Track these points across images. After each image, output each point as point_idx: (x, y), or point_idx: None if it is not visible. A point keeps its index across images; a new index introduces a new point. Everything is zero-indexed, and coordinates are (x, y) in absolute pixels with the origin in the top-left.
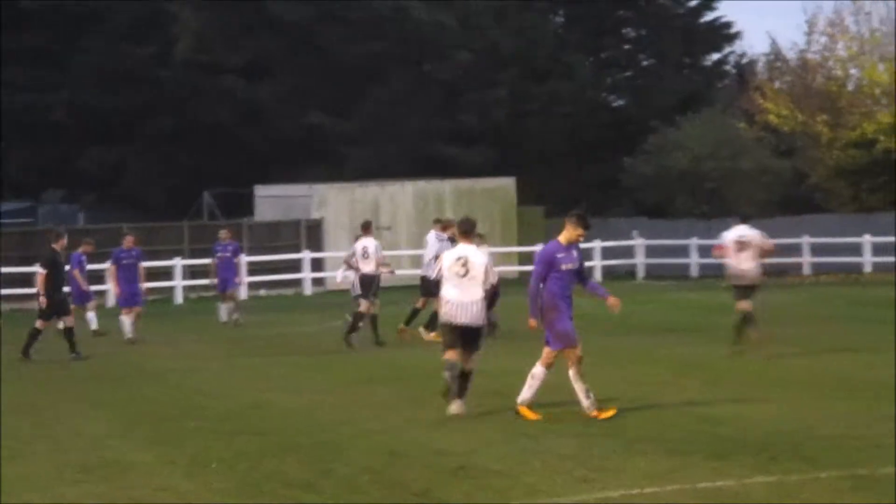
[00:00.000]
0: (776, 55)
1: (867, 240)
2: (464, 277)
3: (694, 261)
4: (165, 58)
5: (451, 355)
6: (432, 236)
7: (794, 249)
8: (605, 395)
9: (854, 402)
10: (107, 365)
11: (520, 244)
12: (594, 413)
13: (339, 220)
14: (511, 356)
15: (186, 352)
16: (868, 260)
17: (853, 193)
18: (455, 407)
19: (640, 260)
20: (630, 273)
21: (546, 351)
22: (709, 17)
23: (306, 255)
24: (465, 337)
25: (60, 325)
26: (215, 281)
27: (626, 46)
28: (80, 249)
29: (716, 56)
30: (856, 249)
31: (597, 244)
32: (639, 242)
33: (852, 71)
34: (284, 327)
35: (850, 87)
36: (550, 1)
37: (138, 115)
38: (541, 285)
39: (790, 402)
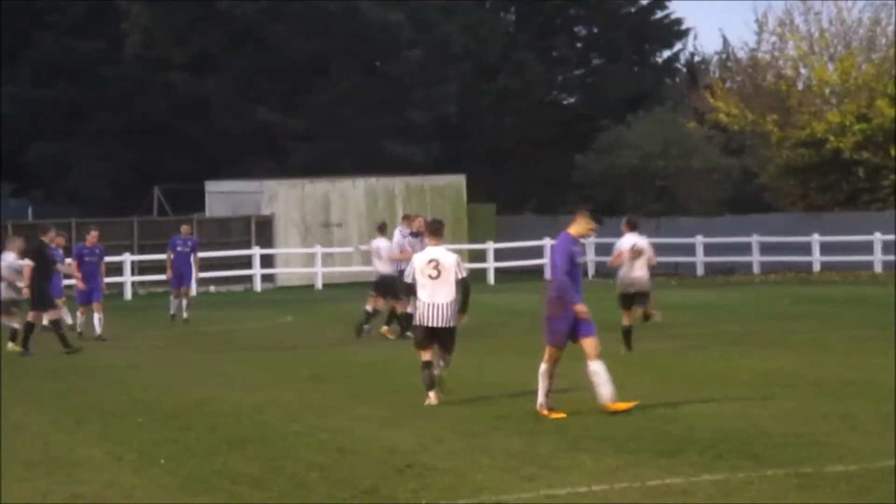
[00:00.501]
0: (728, 54)
1: (816, 239)
2: (436, 280)
3: None
4: (113, 53)
5: (427, 355)
6: (397, 232)
7: (744, 248)
8: (555, 391)
9: (800, 399)
10: (53, 361)
11: (470, 241)
12: (544, 411)
13: (290, 216)
14: (459, 354)
15: (134, 348)
16: (817, 259)
17: (802, 192)
18: (432, 397)
19: (589, 257)
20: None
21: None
22: (659, 15)
23: (256, 252)
24: (440, 337)
25: (45, 319)
26: (170, 275)
27: (577, 44)
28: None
29: (666, 54)
30: (805, 248)
31: (546, 242)
32: (589, 240)
33: (802, 70)
34: (234, 324)
35: (800, 86)
36: None
37: (85, 110)
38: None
39: (738, 400)
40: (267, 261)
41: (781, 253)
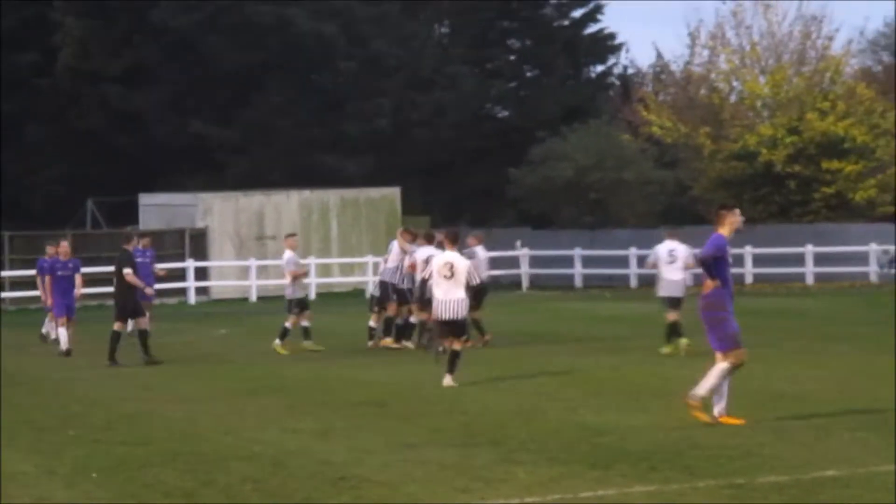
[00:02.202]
0: (662, 67)
1: (748, 251)
2: (450, 279)
3: (578, 271)
4: (46, 65)
5: (447, 343)
6: (395, 245)
7: None
8: (485, 404)
9: (732, 411)
10: None
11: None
12: (727, 418)
13: (224, 228)
14: (394, 366)
15: (66, 360)
16: (749, 271)
17: (735, 205)
18: (447, 380)
19: (524, 270)
20: (515, 283)
21: (719, 356)
22: (593, 28)
23: (190, 264)
24: (452, 328)
25: (129, 327)
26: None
27: (511, 57)
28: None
29: (600, 68)
30: (737, 261)
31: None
32: (523, 253)
33: (734, 83)
34: (167, 336)
35: (732, 99)
36: (435, 11)
37: (17, 122)
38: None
39: (671, 412)
40: (201, 273)
41: None
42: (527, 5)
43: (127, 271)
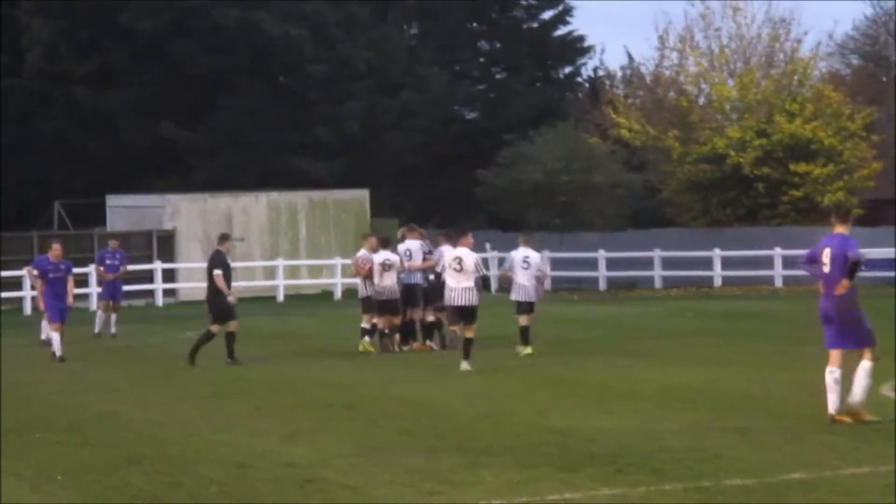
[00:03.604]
0: (631, 70)
1: (717, 254)
2: (460, 272)
3: (546, 273)
4: (12, 66)
5: (454, 329)
6: (416, 245)
7: (646, 263)
8: (453, 407)
9: (700, 414)
10: None
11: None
12: (865, 415)
13: (192, 230)
14: (360, 368)
15: (32, 363)
16: (718, 274)
17: (703, 207)
18: (465, 365)
19: (493, 272)
20: (484, 285)
21: (863, 352)
22: (562, 30)
23: (158, 266)
24: (464, 314)
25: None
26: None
27: (480, 59)
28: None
29: (569, 70)
30: (706, 263)
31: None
32: (492, 255)
33: (702, 86)
34: (134, 339)
35: (701, 102)
36: (404, 14)
37: None
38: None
39: (638, 415)
40: (169, 275)
41: (683, 268)
42: (496, 7)
43: (217, 272)
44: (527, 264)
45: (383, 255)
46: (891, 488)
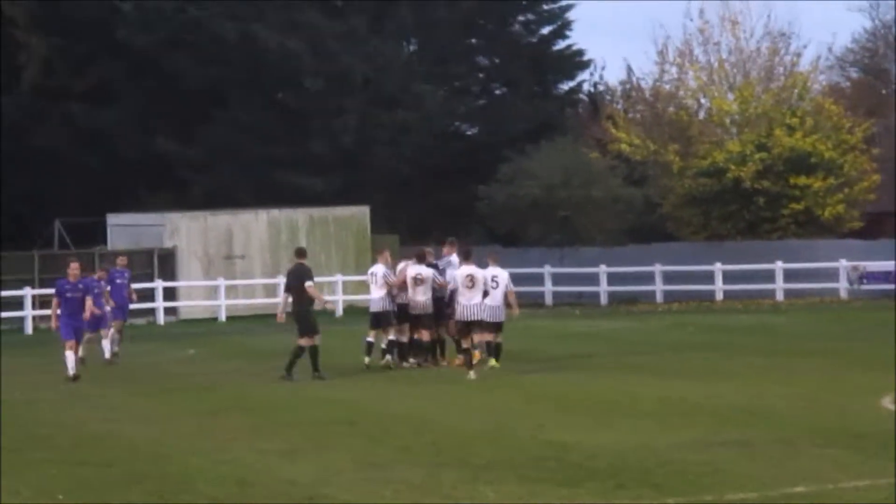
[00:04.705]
0: (631, 84)
1: (718, 268)
2: (472, 289)
3: (547, 289)
4: (11, 82)
5: (465, 343)
6: (454, 259)
7: (647, 277)
8: (453, 423)
9: (701, 428)
10: None
11: None
12: None
13: (192, 248)
14: (360, 385)
15: (33, 382)
16: (719, 287)
17: (704, 221)
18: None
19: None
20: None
21: None
22: (561, 45)
23: (159, 285)
24: (473, 328)
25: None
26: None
27: (479, 75)
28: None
29: (568, 84)
30: (707, 277)
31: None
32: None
33: (702, 100)
34: (135, 357)
35: (700, 116)
36: (401, 28)
37: None
38: None
39: (638, 429)
40: (170, 293)
41: (684, 282)
42: (494, 22)
43: (309, 284)
44: (495, 283)
45: (416, 270)
46: (891, 501)
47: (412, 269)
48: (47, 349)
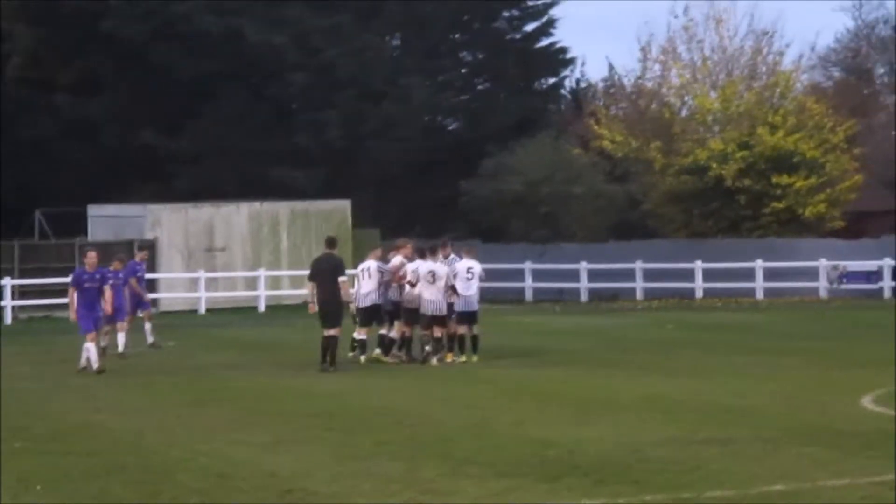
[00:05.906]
0: (613, 81)
1: (699, 265)
2: (471, 280)
3: (528, 284)
4: None
5: (461, 330)
6: (398, 259)
7: (627, 274)
8: (433, 417)
9: (681, 425)
10: None
11: (355, 266)
12: None
13: (173, 240)
14: (341, 378)
15: (12, 372)
16: (699, 285)
17: (685, 219)
18: (469, 357)
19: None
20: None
21: None
22: (545, 42)
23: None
24: (469, 316)
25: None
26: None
27: (463, 70)
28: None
29: (552, 81)
30: (688, 275)
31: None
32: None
33: (685, 98)
34: (115, 348)
35: (683, 113)
36: (387, 23)
37: None
38: None
39: (619, 426)
40: (150, 285)
41: (665, 279)
42: (479, 18)
43: (343, 279)
44: (470, 275)
45: (428, 266)
46: (870, 499)
47: (424, 266)
48: (27, 338)
